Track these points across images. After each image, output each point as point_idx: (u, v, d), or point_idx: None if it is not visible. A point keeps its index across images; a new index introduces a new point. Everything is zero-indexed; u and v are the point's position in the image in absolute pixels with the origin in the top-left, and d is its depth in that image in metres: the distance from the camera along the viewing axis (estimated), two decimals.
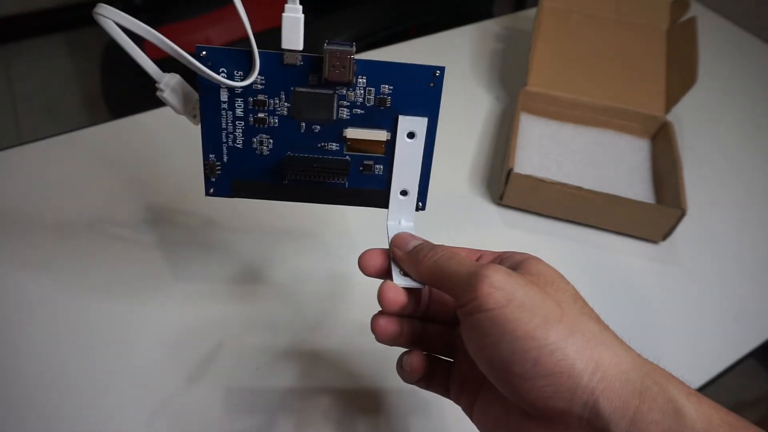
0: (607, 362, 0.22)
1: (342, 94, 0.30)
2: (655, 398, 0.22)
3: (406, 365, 0.29)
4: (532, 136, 0.57)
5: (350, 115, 0.31)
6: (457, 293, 0.25)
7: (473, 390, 0.28)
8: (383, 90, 0.30)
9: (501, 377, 0.24)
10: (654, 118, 0.57)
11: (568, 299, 0.25)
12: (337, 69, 0.29)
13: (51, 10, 1.72)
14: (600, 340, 0.23)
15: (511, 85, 0.65)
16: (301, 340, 0.40)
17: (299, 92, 0.30)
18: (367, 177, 0.32)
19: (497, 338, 0.23)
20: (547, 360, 0.22)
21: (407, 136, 0.31)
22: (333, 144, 0.31)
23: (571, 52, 0.63)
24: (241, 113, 0.30)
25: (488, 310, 0.23)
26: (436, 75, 0.30)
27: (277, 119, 0.31)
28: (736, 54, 0.77)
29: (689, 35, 0.60)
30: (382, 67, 0.30)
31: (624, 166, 0.55)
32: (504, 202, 0.51)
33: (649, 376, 0.22)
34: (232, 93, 0.30)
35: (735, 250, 0.51)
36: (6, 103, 1.52)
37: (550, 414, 0.23)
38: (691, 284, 0.48)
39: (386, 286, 0.28)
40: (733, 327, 0.45)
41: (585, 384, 0.22)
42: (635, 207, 0.48)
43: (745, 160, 0.61)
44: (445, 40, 0.71)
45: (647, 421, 0.21)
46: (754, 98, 0.70)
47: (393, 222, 0.32)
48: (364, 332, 0.37)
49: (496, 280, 0.24)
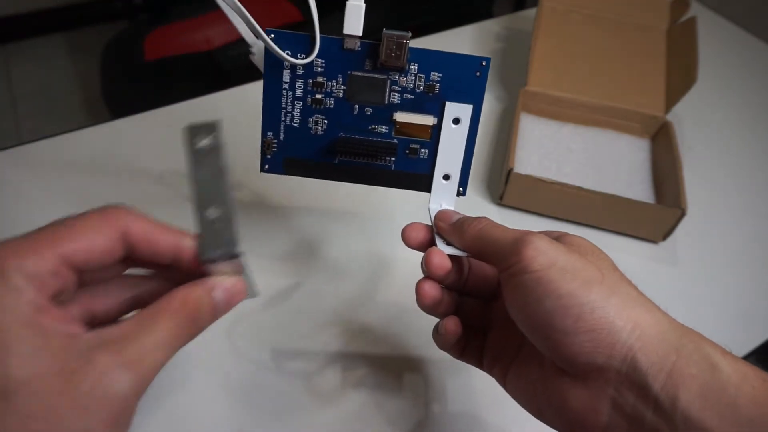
0: (645, 322, 0.24)
1: (394, 80, 0.32)
2: (691, 354, 0.23)
3: (442, 329, 0.30)
4: (532, 136, 0.57)
5: (401, 100, 0.33)
6: (501, 257, 0.27)
7: (507, 359, 0.30)
8: (433, 77, 0.32)
9: (543, 334, 0.25)
10: (654, 118, 0.57)
11: (608, 266, 0.26)
12: (393, 53, 0.30)
13: (51, 10, 1.72)
14: (638, 302, 0.25)
15: (511, 85, 0.65)
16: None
17: (355, 75, 0.32)
18: (413, 161, 0.34)
19: (541, 297, 0.24)
20: (589, 317, 0.23)
21: (453, 122, 0.33)
22: (383, 126, 0.33)
23: (571, 52, 0.63)
24: (300, 93, 0.32)
25: (533, 272, 0.25)
26: (482, 65, 0.32)
27: (333, 101, 0.33)
28: (736, 54, 0.77)
29: (689, 35, 0.60)
30: (433, 55, 0.32)
31: (624, 166, 0.55)
32: (504, 202, 0.51)
33: (685, 336, 0.23)
34: (294, 74, 0.32)
35: (735, 250, 0.51)
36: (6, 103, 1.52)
37: (589, 369, 0.24)
38: (691, 284, 0.48)
39: (433, 251, 0.30)
40: (734, 327, 0.45)
41: (624, 340, 0.23)
42: (635, 207, 0.48)
43: (745, 160, 0.61)
44: (445, 40, 0.71)
45: (684, 375, 0.22)
46: (754, 98, 0.70)
47: (435, 205, 0.34)
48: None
49: (541, 245, 0.25)
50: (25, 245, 0.21)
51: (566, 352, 0.24)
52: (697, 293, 0.47)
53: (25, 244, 0.21)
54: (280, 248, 0.45)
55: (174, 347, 0.22)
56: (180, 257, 0.24)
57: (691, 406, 0.22)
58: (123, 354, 0.20)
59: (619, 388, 0.23)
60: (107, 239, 0.22)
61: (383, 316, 0.42)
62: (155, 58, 1.10)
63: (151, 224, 0.24)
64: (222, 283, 0.24)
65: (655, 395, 0.22)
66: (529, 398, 0.28)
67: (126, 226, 0.23)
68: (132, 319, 0.22)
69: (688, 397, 0.22)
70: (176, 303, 0.23)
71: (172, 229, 0.24)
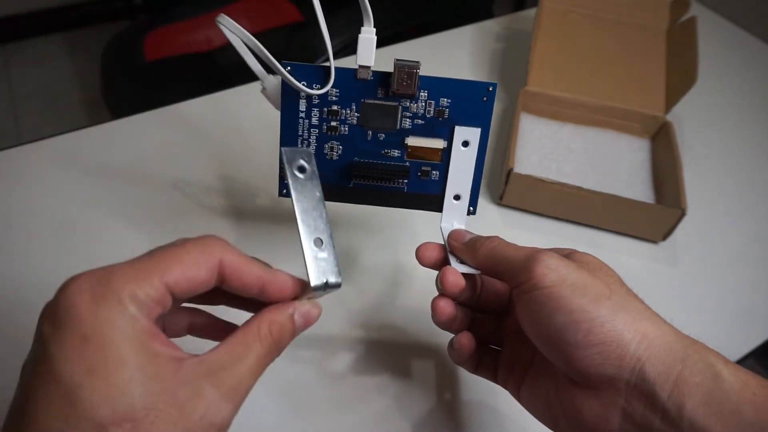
0: (652, 334, 0.25)
1: (405, 106, 0.34)
2: (696, 364, 0.24)
3: (456, 344, 0.31)
4: (532, 136, 0.57)
5: (412, 125, 0.34)
6: (513, 274, 0.28)
7: (520, 373, 0.31)
8: (442, 102, 0.34)
9: (555, 348, 0.26)
10: (654, 118, 0.57)
11: (616, 282, 0.27)
12: (404, 82, 0.32)
13: (51, 10, 1.72)
14: (645, 316, 0.26)
15: (511, 85, 0.65)
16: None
17: (368, 103, 0.33)
18: (425, 182, 0.36)
19: (553, 311, 0.25)
20: (599, 331, 0.25)
21: (462, 145, 0.34)
22: (395, 151, 0.35)
23: (571, 52, 0.63)
24: (316, 122, 0.34)
25: (544, 288, 0.26)
26: (489, 90, 0.34)
27: (347, 127, 0.34)
28: (736, 54, 0.77)
29: (689, 35, 0.60)
30: (442, 82, 0.33)
31: (624, 166, 0.55)
32: (504, 202, 0.51)
33: (690, 347, 0.25)
34: (310, 103, 0.33)
35: (735, 250, 0.51)
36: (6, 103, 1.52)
37: (599, 380, 0.25)
38: (691, 284, 0.48)
39: (448, 270, 0.31)
40: (734, 327, 0.45)
41: (633, 352, 0.24)
42: (635, 207, 0.48)
43: (745, 160, 0.61)
44: (445, 40, 0.71)
45: (689, 384, 0.23)
46: (754, 98, 0.70)
47: (446, 224, 0.35)
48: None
49: (551, 263, 0.26)
50: (135, 272, 0.22)
51: (578, 364, 0.25)
52: (697, 293, 0.47)
53: (135, 271, 0.22)
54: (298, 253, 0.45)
55: (261, 372, 0.24)
56: (266, 291, 0.25)
57: (696, 414, 0.23)
58: (225, 384, 0.22)
59: (629, 399, 0.24)
60: (208, 271, 0.23)
61: (405, 317, 0.42)
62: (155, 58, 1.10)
63: (242, 258, 0.25)
64: (302, 307, 0.25)
65: (663, 404, 0.23)
66: (543, 410, 0.29)
67: (222, 258, 0.24)
68: (225, 346, 0.23)
69: (694, 405, 0.23)
70: (264, 329, 0.24)
71: (260, 263, 0.25)
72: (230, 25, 0.31)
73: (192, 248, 0.23)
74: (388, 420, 0.37)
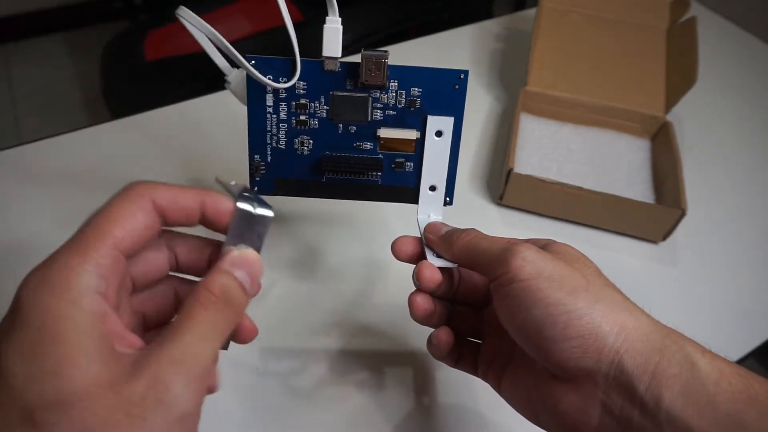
0: (630, 325, 0.24)
1: (376, 97, 0.33)
2: (673, 355, 0.24)
3: (435, 339, 0.31)
4: (532, 136, 0.57)
5: (383, 116, 0.33)
6: (490, 268, 0.27)
7: (501, 365, 0.30)
8: (413, 92, 0.33)
9: (533, 341, 0.26)
10: (654, 118, 0.57)
11: (593, 273, 0.27)
12: (372, 73, 0.31)
13: (51, 10, 1.72)
14: (623, 307, 0.25)
15: (511, 85, 0.65)
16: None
17: (337, 96, 0.33)
18: (399, 174, 0.35)
19: (530, 305, 0.25)
20: (576, 323, 0.24)
21: (435, 135, 0.34)
22: (367, 143, 0.34)
23: (571, 52, 0.63)
24: (285, 116, 0.33)
25: (521, 281, 0.26)
26: (460, 78, 0.33)
27: (317, 121, 0.33)
28: (736, 54, 0.77)
29: (689, 35, 0.60)
30: (412, 71, 0.32)
31: (624, 166, 0.55)
32: (504, 202, 0.51)
33: (668, 337, 0.24)
34: (277, 97, 0.33)
35: (735, 250, 0.51)
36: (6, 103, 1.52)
37: (578, 374, 0.25)
38: (691, 284, 0.48)
39: (424, 265, 0.30)
40: (734, 327, 0.45)
41: (611, 344, 0.24)
42: (635, 207, 0.48)
43: (745, 160, 0.61)
44: (445, 40, 0.71)
45: (666, 375, 0.23)
46: (754, 98, 0.70)
47: (423, 216, 0.35)
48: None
49: (528, 255, 0.26)
50: (77, 249, 0.21)
51: (557, 358, 0.25)
52: (697, 293, 0.47)
53: (76, 248, 0.21)
54: (277, 255, 0.45)
55: (217, 336, 0.22)
56: (207, 210, 0.25)
57: (673, 405, 0.23)
58: (168, 356, 0.20)
59: (608, 391, 0.24)
60: (145, 215, 0.23)
61: (381, 315, 0.42)
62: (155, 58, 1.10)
63: (174, 188, 0.24)
64: (233, 259, 0.24)
65: (641, 396, 0.23)
66: (524, 403, 0.28)
67: (153, 197, 0.24)
68: (171, 324, 0.22)
69: (671, 397, 0.23)
70: (203, 293, 0.22)
71: (193, 188, 0.25)
72: (191, 19, 0.30)
73: (120, 201, 0.23)
74: (368, 419, 0.37)
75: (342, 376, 0.39)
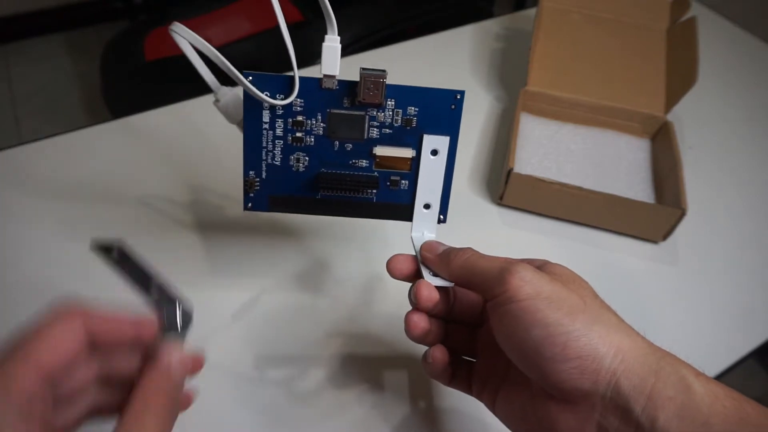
0: (626, 347, 0.25)
1: (372, 115, 0.33)
2: (669, 376, 0.24)
3: (429, 357, 0.31)
4: (532, 136, 0.57)
5: (380, 134, 0.33)
6: (487, 287, 0.27)
7: (495, 384, 0.30)
8: (410, 111, 0.33)
9: (531, 361, 0.26)
10: (654, 118, 0.57)
11: (589, 294, 0.27)
12: (371, 91, 0.31)
13: (51, 10, 1.72)
14: (619, 329, 0.26)
15: (511, 85, 0.65)
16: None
17: (334, 113, 0.33)
18: (394, 192, 0.35)
19: (529, 325, 0.25)
20: (575, 345, 0.24)
21: (431, 154, 0.34)
22: (363, 161, 0.34)
23: (571, 52, 0.63)
24: (281, 133, 0.33)
25: (520, 301, 0.26)
26: (456, 98, 0.33)
27: (313, 138, 0.33)
28: (736, 54, 0.77)
29: (689, 35, 0.60)
30: (409, 91, 0.33)
31: (624, 166, 0.55)
32: (504, 202, 0.51)
33: (663, 359, 0.25)
34: (274, 114, 0.33)
35: (735, 250, 0.51)
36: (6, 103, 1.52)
37: (575, 395, 0.25)
38: (691, 284, 0.48)
39: (422, 284, 0.30)
40: (733, 327, 0.45)
41: (608, 366, 0.24)
42: (635, 207, 0.48)
43: (745, 160, 0.61)
44: (445, 40, 0.71)
45: (662, 397, 0.23)
46: (754, 98, 0.70)
47: (417, 234, 0.35)
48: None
49: (526, 275, 0.26)
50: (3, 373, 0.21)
51: (554, 378, 0.25)
52: (697, 293, 0.47)
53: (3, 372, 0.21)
54: (278, 269, 0.45)
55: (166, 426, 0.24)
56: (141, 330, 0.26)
57: (669, 427, 0.23)
58: None
59: (604, 412, 0.24)
60: (75, 342, 0.23)
61: (380, 324, 0.42)
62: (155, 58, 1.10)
63: (108, 318, 0.25)
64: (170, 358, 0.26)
65: (637, 418, 0.24)
66: (519, 422, 0.29)
67: (86, 323, 0.24)
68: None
69: (666, 418, 0.23)
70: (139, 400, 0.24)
71: (128, 317, 0.26)
72: (185, 34, 0.30)
73: (51, 326, 0.23)
74: (372, 427, 0.37)
75: (341, 388, 0.38)
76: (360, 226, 0.48)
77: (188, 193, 0.49)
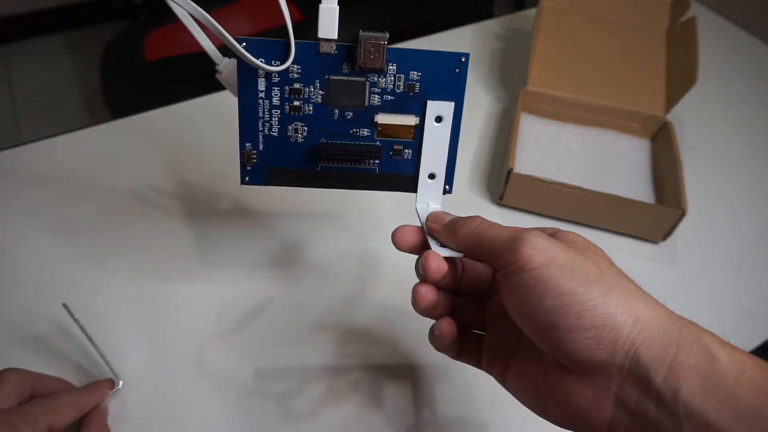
0: (646, 316, 0.24)
1: (373, 81, 0.31)
2: (691, 345, 0.23)
3: (437, 330, 0.30)
4: (532, 136, 0.57)
5: (381, 101, 0.32)
6: (498, 256, 0.26)
7: (506, 357, 0.30)
8: (412, 76, 0.32)
9: (545, 332, 0.25)
10: (654, 118, 0.57)
11: (605, 262, 0.26)
12: (371, 55, 0.30)
13: (51, 10, 1.72)
14: (638, 296, 0.25)
15: (511, 85, 0.65)
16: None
17: (333, 80, 0.31)
18: (397, 162, 0.33)
19: (541, 294, 0.24)
20: (590, 314, 0.23)
21: (435, 120, 0.32)
22: (364, 130, 0.33)
23: (571, 52, 0.63)
24: (278, 102, 0.31)
25: (532, 269, 0.24)
26: (461, 61, 0.32)
27: (311, 107, 0.32)
28: (736, 54, 0.77)
29: (689, 35, 0.60)
30: (411, 54, 0.31)
31: (624, 166, 0.55)
32: (504, 202, 0.51)
33: (685, 327, 0.23)
34: (270, 82, 0.31)
35: (735, 250, 0.51)
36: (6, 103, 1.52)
37: (592, 366, 0.24)
38: (691, 284, 0.48)
39: (430, 255, 0.29)
40: (734, 327, 0.45)
41: (626, 335, 0.23)
42: (635, 207, 0.48)
43: (746, 160, 0.61)
44: (445, 40, 0.71)
45: (684, 367, 0.22)
46: (754, 98, 0.70)
47: (422, 205, 0.33)
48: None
49: (538, 243, 0.25)
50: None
51: (569, 349, 0.24)
52: (697, 293, 0.47)
53: None
54: (264, 255, 0.45)
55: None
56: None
57: (692, 398, 0.22)
58: None
59: (623, 384, 0.23)
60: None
61: (375, 316, 0.42)
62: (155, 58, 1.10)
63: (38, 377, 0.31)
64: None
65: (658, 389, 0.22)
66: (531, 395, 0.27)
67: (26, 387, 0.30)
68: None
69: (689, 389, 0.22)
70: None
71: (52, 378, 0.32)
72: (183, 3, 0.29)
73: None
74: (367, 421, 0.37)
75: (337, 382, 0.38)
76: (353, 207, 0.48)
77: (188, 193, 0.49)
